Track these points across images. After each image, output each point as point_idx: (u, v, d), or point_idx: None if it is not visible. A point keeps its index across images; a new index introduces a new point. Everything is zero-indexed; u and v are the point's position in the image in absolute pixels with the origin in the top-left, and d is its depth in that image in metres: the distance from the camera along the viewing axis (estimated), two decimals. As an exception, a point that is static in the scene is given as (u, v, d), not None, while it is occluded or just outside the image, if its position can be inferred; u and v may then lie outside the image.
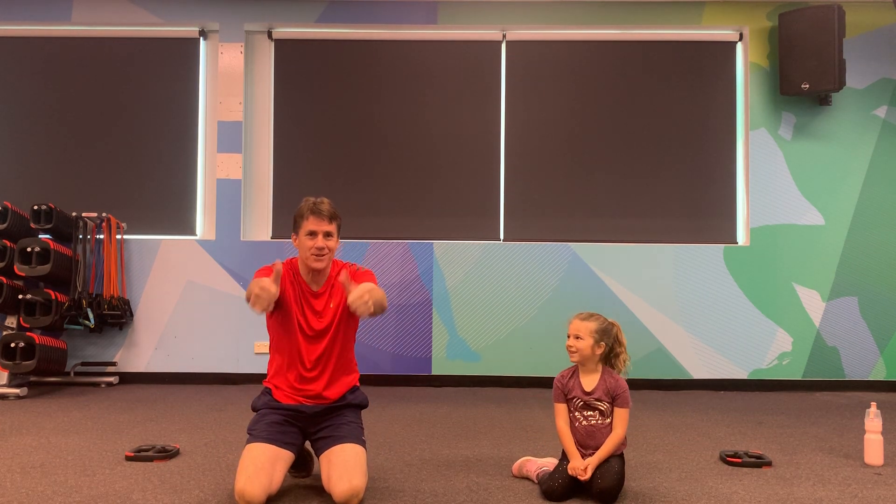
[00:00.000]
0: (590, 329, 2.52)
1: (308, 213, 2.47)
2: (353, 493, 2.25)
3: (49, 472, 2.74)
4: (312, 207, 2.47)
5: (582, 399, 2.53)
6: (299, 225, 2.49)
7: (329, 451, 2.42)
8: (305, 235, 2.46)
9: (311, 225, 2.46)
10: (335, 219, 2.51)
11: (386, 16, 5.54)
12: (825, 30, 5.08)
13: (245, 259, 5.41)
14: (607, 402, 2.52)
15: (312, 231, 2.45)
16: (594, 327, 2.52)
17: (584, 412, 2.53)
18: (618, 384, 2.52)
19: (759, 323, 5.33)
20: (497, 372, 5.30)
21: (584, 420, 2.52)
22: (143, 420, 3.86)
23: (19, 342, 4.59)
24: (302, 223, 2.48)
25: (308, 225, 2.46)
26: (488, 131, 5.60)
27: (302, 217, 2.48)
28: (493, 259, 5.39)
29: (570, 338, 2.54)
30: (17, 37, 5.65)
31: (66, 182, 5.57)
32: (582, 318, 2.55)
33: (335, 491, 2.26)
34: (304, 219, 2.47)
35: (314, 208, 2.47)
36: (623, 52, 5.62)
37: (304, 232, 2.47)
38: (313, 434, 2.53)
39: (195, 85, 5.64)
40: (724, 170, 5.55)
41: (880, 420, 2.97)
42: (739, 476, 2.79)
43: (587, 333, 2.51)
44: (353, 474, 2.29)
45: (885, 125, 5.41)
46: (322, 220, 2.46)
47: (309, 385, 2.50)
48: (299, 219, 2.49)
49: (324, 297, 2.54)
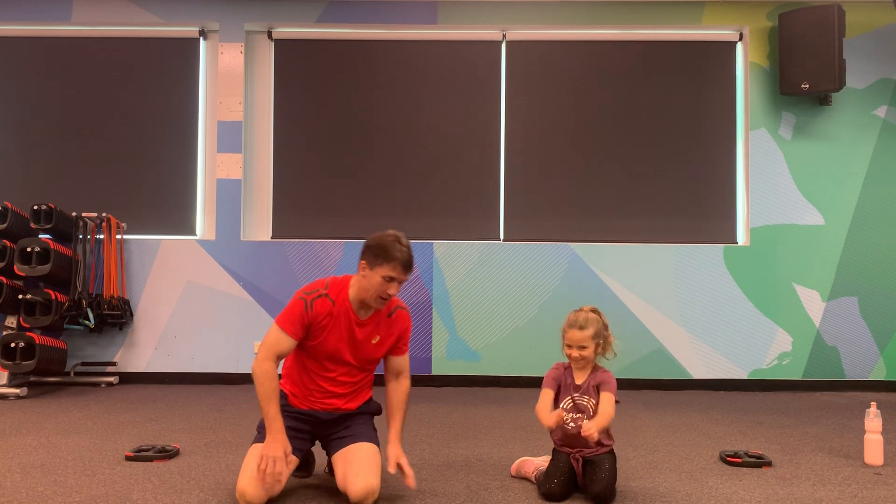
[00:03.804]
0: (589, 336, 2.53)
1: (396, 261, 2.32)
2: (369, 491, 2.25)
3: (49, 472, 2.74)
4: (405, 260, 2.34)
5: (572, 398, 2.55)
6: (378, 263, 2.33)
7: (345, 449, 2.42)
8: (382, 277, 2.33)
9: (394, 272, 2.33)
10: (413, 269, 2.42)
11: (386, 16, 5.54)
12: (825, 30, 5.08)
13: (245, 259, 5.41)
14: (594, 396, 2.54)
15: (392, 278, 2.34)
16: (592, 333, 2.54)
17: (575, 414, 2.54)
18: (605, 376, 2.56)
19: (759, 323, 5.33)
20: (497, 372, 5.30)
21: (571, 422, 2.53)
22: (143, 420, 3.86)
23: (19, 342, 4.59)
24: (383, 264, 2.32)
25: (390, 270, 2.32)
26: (488, 131, 5.60)
27: (387, 259, 2.32)
28: (493, 259, 5.39)
29: (572, 348, 2.54)
30: (17, 37, 5.65)
31: (66, 182, 5.57)
32: (580, 328, 2.54)
33: (351, 489, 2.26)
34: (389, 262, 2.32)
35: (406, 261, 2.34)
36: (623, 52, 5.62)
37: (381, 272, 2.32)
38: (326, 436, 2.52)
39: (195, 85, 5.64)
40: (724, 170, 5.55)
41: (880, 420, 2.97)
42: (739, 476, 2.79)
43: (589, 341, 2.53)
44: (369, 473, 2.29)
45: (885, 125, 5.41)
46: (406, 271, 2.36)
47: (330, 399, 2.48)
48: (382, 258, 2.33)
49: (367, 328, 2.47)
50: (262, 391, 2.29)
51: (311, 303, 2.37)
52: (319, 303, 2.38)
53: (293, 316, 2.36)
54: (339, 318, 2.41)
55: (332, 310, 2.40)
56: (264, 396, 2.28)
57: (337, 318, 2.40)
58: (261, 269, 5.40)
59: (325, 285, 2.43)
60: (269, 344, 2.35)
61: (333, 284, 2.44)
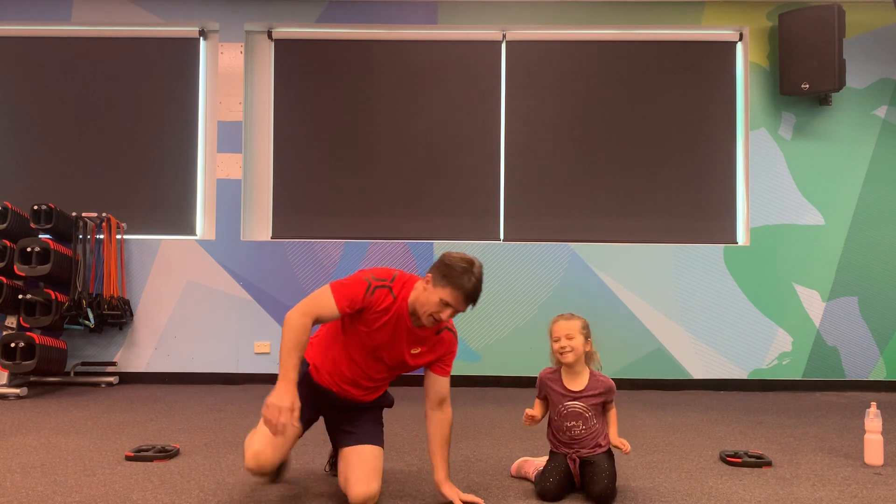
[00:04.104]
0: (578, 327, 2.51)
1: (459, 291, 2.20)
2: (370, 496, 2.27)
3: (49, 472, 2.74)
4: (469, 292, 2.21)
5: (564, 405, 2.51)
6: (442, 284, 2.21)
7: (349, 449, 2.42)
8: (440, 299, 2.21)
9: (454, 300, 2.21)
10: (475, 302, 2.28)
11: (386, 16, 5.54)
12: (825, 30, 5.08)
13: (245, 259, 5.41)
14: (593, 404, 2.50)
15: (447, 303, 2.21)
16: (580, 325, 2.52)
17: (567, 422, 2.51)
18: (608, 386, 2.53)
19: (759, 323, 5.33)
20: (497, 372, 5.30)
21: (568, 431, 2.51)
22: (143, 420, 3.86)
23: (19, 342, 4.59)
24: (446, 286, 2.20)
25: (449, 296, 2.20)
26: (488, 131, 5.60)
27: (451, 283, 2.20)
28: (493, 259, 5.39)
29: (560, 339, 2.50)
30: (17, 37, 5.65)
31: (66, 182, 5.57)
32: (567, 318, 2.54)
33: (352, 493, 2.27)
34: (451, 287, 2.20)
35: (470, 293, 2.22)
36: (623, 52, 5.62)
37: (441, 294, 2.20)
38: (333, 420, 2.54)
39: (195, 85, 5.64)
40: (724, 170, 5.55)
41: (880, 420, 2.97)
42: (739, 476, 2.79)
43: (577, 331, 2.50)
44: (371, 478, 2.31)
45: (885, 125, 5.41)
46: (465, 302, 2.23)
47: (350, 387, 2.44)
48: (447, 280, 2.20)
49: (413, 337, 2.36)
50: (291, 339, 2.17)
51: (374, 289, 2.27)
52: (382, 293, 2.28)
53: (350, 292, 2.26)
54: (392, 316, 2.31)
55: (391, 306, 2.30)
56: (290, 346, 2.16)
57: (391, 315, 2.31)
58: (261, 269, 5.40)
59: (391, 277, 2.33)
60: (315, 303, 2.24)
61: (400, 280, 2.33)
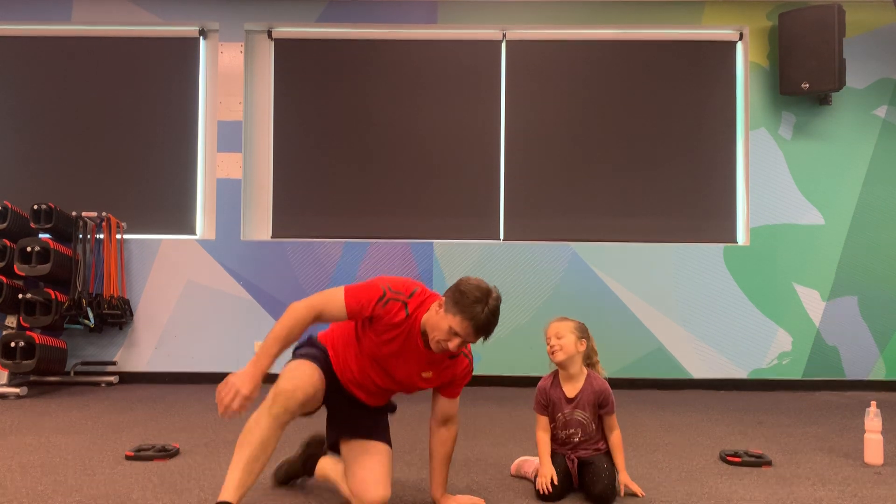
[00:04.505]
0: (569, 327, 2.52)
1: (469, 321, 2.03)
2: (386, 501, 2.21)
3: (49, 472, 2.74)
4: (479, 324, 2.04)
5: (563, 413, 2.51)
6: (453, 312, 2.05)
7: (360, 443, 2.32)
8: (450, 326, 2.05)
9: (463, 330, 2.05)
10: (487, 335, 2.11)
11: (386, 15, 5.54)
12: (825, 30, 5.08)
13: (245, 259, 5.40)
14: (590, 411, 2.50)
15: (458, 334, 2.06)
16: (573, 325, 2.53)
17: (566, 430, 2.52)
18: (603, 389, 2.52)
19: (759, 323, 5.33)
20: (497, 372, 5.30)
21: (566, 438, 2.52)
22: (143, 420, 3.86)
23: (19, 342, 4.59)
24: (457, 317, 2.04)
25: (460, 326, 2.04)
26: (488, 131, 5.60)
27: (461, 312, 2.04)
28: (493, 259, 5.39)
29: (550, 339, 2.52)
30: (17, 37, 5.65)
31: (66, 182, 5.57)
32: (559, 320, 2.56)
33: (369, 497, 2.19)
34: (463, 318, 2.04)
35: (480, 325, 2.05)
36: (623, 52, 5.61)
37: (451, 322, 2.05)
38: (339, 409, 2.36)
39: (195, 85, 5.64)
40: (724, 170, 5.55)
41: (880, 420, 2.97)
42: (739, 476, 2.79)
43: (568, 331, 2.51)
44: (385, 483, 2.23)
45: (885, 125, 5.41)
46: (474, 334, 2.07)
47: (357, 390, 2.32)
48: (458, 308, 2.04)
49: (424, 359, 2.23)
50: (283, 327, 2.08)
51: (388, 301, 2.13)
52: (395, 306, 2.14)
53: (363, 296, 2.14)
54: (402, 332, 2.17)
55: (402, 322, 2.15)
56: (280, 333, 2.07)
57: (402, 331, 2.17)
58: (261, 269, 5.40)
59: (410, 292, 2.17)
60: (324, 299, 2.14)
61: (418, 297, 2.18)
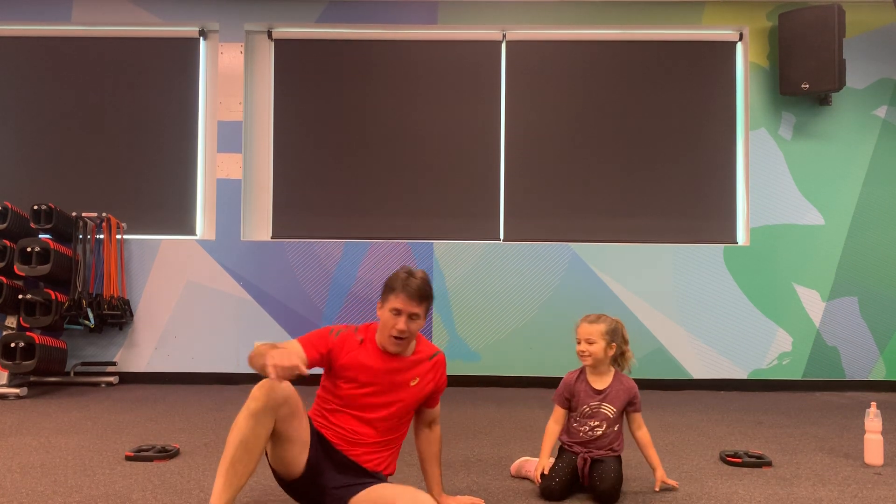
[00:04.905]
0: (600, 331, 2.52)
1: (399, 289, 2.17)
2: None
3: (49, 472, 2.74)
4: (404, 283, 2.17)
5: (589, 405, 2.53)
6: (386, 297, 2.21)
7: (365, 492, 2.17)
8: (390, 311, 2.18)
9: (398, 303, 2.16)
10: (426, 299, 2.21)
11: (386, 16, 5.54)
12: (825, 30, 5.08)
13: (245, 259, 5.40)
14: (617, 406, 2.52)
15: (398, 310, 2.17)
16: (604, 329, 2.53)
17: (591, 422, 2.53)
18: (631, 388, 2.55)
19: (759, 323, 5.33)
20: (497, 372, 5.30)
21: (589, 430, 2.53)
22: (143, 420, 3.86)
23: (19, 342, 4.59)
24: (388, 296, 2.20)
25: (394, 301, 2.17)
26: (488, 131, 5.60)
27: (391, 290, 2.19)
28: (493, 259, 5.39)
29: (580, 342, 2.54)
30: (17, 37, 5.65)
31: (66, 182, 5.57)
32: (590, 322, 2.55)
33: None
34: (393, 293, 2.18)
35: (405, 285, 2.17)
36: (623, 52, 5.61)
37: (389, 306, 2.19)
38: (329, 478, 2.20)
39: (195, 85, 5.64)
40: (724, 170, 5.55)
41: (880, 420, 2.97)
42: (739, 476, 2.79)
43: (598, 336, 2.52)
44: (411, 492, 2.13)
45: (885, 125, 5.41)
46: (411, 301, 2.16)
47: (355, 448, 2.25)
48: (388, 290, 2.21)
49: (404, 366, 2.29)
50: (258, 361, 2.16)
51: (337, 333, 2.26)
52: (345, 336, 2.25)
53: (315, 337, 2.25)
54: (370, 356, 2.24)
55: (360, 347, 2.25)
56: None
57: (366, 352, 2.25)
58: (261, 269, 5.40)
59: (355, 328, 2.32)
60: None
61: (364, 327, 2.32)
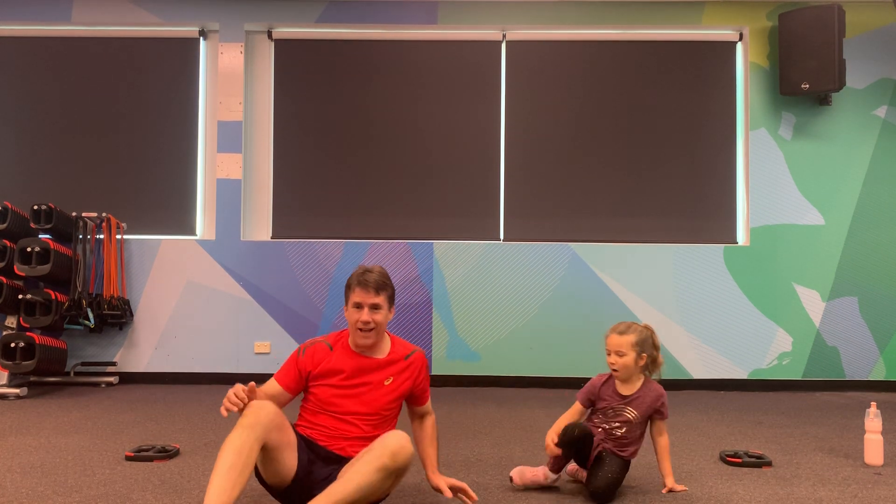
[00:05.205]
0: (630, 343, 2.49)
1: (355, 284, 2.29)
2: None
3: (49, 472, 2.74)
4: (359, 278, 2.30)
5: (613, 407, 2.52)
6: (347, 295, 2.33)
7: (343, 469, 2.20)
8: (352, 307, 2.30)
9: (357, 296, 2.28)
10: (384, 290, 2.30)
11: (386, 16, 5.54)
12: (825, 30, 5.08)
13: (245, 259, 5.40)
14: (641, 412, 2.51)
15: (358, 303, 2.28)
16: (633, 340, 2.49)
17: (612, 422, 2.52)
18: (660, 396, 2.54)
19: (759, 323, 5.33)
20: (497, 372, 5.30)
21: (611, 430, 2.53)
22: (143, 420, 3.86)
23: (19, 342, 4.59)
24: (349, 294, 2.31)
25: (354, 296, 2.29)
26: (488, 131, 5.60)
27: (349, 288, 2.32)
28: (493, 259, 5.39)
29: (610, 354, 2.51)
30: (18, 37, 5.65)
31: (66, 182, 5.57)
32: (620, 332, 2.51)
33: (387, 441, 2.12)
34: (351, 290, 2.31)
35: (361, 279, 2.29)
36: (623, 52, 5.61)
37: (350, 303, 2.30)
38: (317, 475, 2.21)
39: (195, 85, 5.64)
40: (724, 170, 5.55)
41: (880, 420, 2.97)
42: (739, 476, 2.79)
43: (628, 347, 2.49)
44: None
45: (885, 125, 5.41)
46: (368, 292, 2.27)
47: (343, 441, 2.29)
48: (347, 289, 2.33)
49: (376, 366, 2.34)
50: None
51: (304, 350, 2.35)
52: (313, 349, 2.34)
53: (285, 366, 2.35)
54: (341, 358, 2.33)
55: (331, 354, 2.34)
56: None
57: (340, 358, 2.33)
58: (261, 269, 5.40)
59: (324, 339, 2.41)
60: (261, 391, 2.26)
61: (335, 334, 2.41)
